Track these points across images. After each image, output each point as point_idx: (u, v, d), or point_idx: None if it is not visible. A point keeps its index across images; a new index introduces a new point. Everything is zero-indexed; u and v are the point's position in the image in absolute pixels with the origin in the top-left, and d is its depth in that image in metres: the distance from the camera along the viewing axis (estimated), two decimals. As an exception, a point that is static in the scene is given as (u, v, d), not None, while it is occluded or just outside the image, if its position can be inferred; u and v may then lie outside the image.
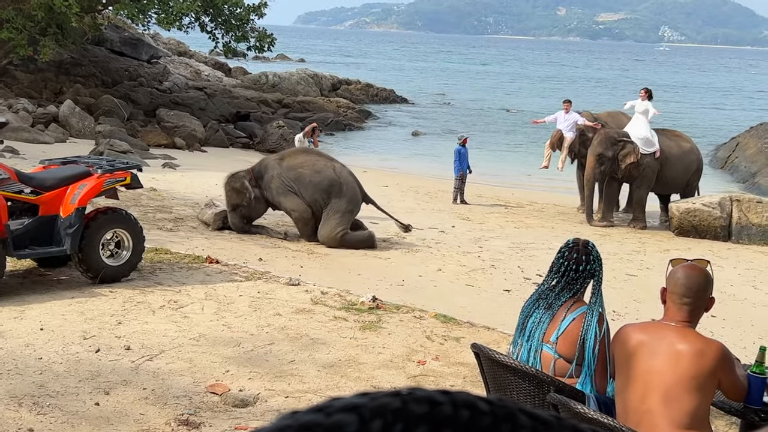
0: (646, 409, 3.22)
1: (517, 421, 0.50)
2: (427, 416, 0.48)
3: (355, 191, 10.69)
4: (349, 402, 0.50)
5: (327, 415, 0.48)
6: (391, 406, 0.49)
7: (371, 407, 0.49)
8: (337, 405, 0.49)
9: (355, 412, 0.48)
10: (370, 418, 0.48)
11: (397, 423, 0.48)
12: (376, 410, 0.48)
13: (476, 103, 40.32)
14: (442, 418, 0.48)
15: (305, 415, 0.49)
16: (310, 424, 0.48)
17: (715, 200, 13.50)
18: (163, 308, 6.78)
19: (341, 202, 10.42)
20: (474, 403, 0.50)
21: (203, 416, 4.82)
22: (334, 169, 10.72)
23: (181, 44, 37.34)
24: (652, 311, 6.93)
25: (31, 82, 23.17)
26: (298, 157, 10.83)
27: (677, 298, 3.28)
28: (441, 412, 0.49)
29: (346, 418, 0.48)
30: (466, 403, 0.50)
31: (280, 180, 10.52)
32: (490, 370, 4.07)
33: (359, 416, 0.48)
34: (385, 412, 0.48)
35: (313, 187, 10.42)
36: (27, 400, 4.82)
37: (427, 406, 0.49)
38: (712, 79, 75.26)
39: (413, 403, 0.49)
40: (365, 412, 0.48)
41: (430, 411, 0.49)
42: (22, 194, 7.02)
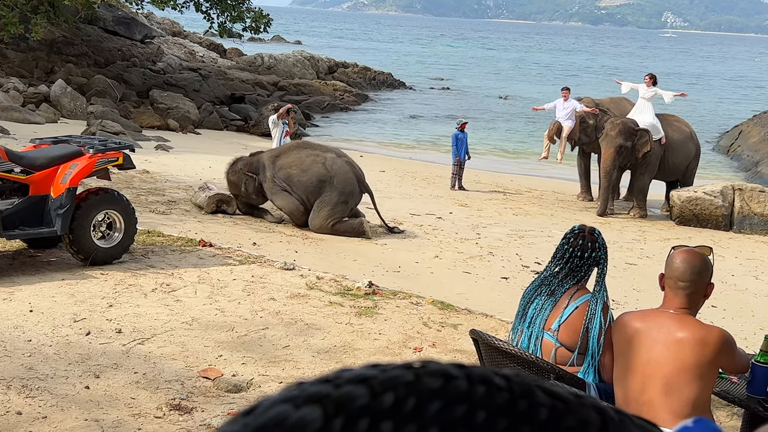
0: (646, 399, 3.15)
1: (534, 397, 0.48)
2: (440, 391, 0.46)
3: (348, 182, 10.49)
4: (359, 373, 0.47)
5: (336, 387, 0.46)
6: (403, 379, 0.47)
7: (382, 379, 0.47)
8: (346, 376, 0.47)
9: (366, 384, 0.46)
10: (381, 391, 0.46)
11: (410, 397, 0.46)
12: (388, 383, 0.46)
13: (475, 88, 40.18)
14: (456, 393, 0.46)
15: (313, 386, 0.47)
16: (317, 396, 0.45)
17: (717, 189, 13.39)
18: (155, 291, 6.67)
19: (332, 195, 10.27)
20: (490, 379, 0.48)
21: (196, 401, 4.73)
22: (324, 163, 10.46)
23: (176, 24, 37.02)
24: (651, 300, 6.82)
25: (22, 61, 22.93)
26: (291, 155, 10.57)
27: (674, 283, 3.20)
28: (455, 386, 0.47)
29: (356, 391, 0.46)
30: (482, 378, 0.48)
31: (272, 181, 10.39)
32: (488, 357, 3.99)
33: (370, 389, 0.46)
34: (397, 385, 0.46)
35: (302, 186, 10.27)
36: (15, 383, 4.73)
37: (441, 380, 0.47)
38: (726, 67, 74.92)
39: (426, 377, 0.47)
40: (376, 384, 0.46)
41: (444, 385, 0.47)
42: (12, 173, 6.89)
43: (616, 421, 0.50)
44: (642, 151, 13.52)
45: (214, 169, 13.03)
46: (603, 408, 0.51)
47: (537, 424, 0.47)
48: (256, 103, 24.69)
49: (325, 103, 28.23)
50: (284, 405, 0.46)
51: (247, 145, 18.28)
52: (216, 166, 13.68)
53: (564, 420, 0.48)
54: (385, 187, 14.29)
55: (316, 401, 0.45)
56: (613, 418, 0.50)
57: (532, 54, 78.55)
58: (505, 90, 38.96)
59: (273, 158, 10.58)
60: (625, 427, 0.51)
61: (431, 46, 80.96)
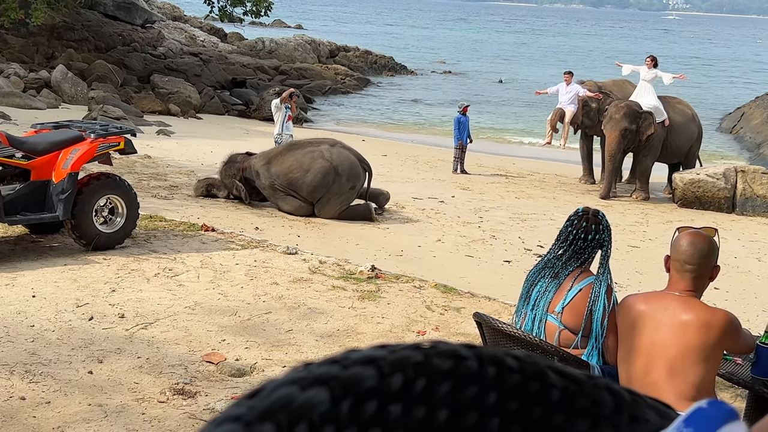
0: (651, 381, 3.14)
1: (546, 379, 0.47)
2: (450, 372, 0.45)
3: (353, 166, 10.43)
4: (368, 354, 0.46)
5: (343, 368, 0.45)
6: (412, 360, 0.46)
7: (391, 360, 0.46)
8: (354, 357, 0.46)
9: (374, 365, 0.45)
10: (390, 372, 0.45)
11: (419, 378, 0.45)
12: (397, 364, 0.45)
13: (477, 72, 40.02)
14: (466, 374, 0.46)
15: (320, 367, 0.46)
16: (325, 377, 0.44)
17: (719, 171, 13.35)
18: (157, 276, 6.67)
19: (341, 183, 10.21)
20: (501, 359, 0.47)
21: (199, 385, 4.73)
22: (323, 156, 10.33)
23: (176, 8, 36.90)
24: (654, 283, 6.81)
25: (22, 46, 22.85)
26: (285, 159, 10.33)
27: (680, 266, 3.17)
28: (466, 367, 0.46)
29: (364, 372, 0.45)
30: (492, 359, 0.47)
31: (272, 189, 10.24)
32: (492, 340, 3.98)
33: (378, 370, 0.45)
34: (406, 366, 0.45)
35: (310, 187, 10.15)
36: (19, 368, 4.74)
37: (451, 361, 0.46)
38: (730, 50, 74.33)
39: (436, 358, 0.46)
40: (384, 365, 0.45)
41: (454, 366, 0.46)
42: (13, 159, 6.87)
43: (630, 402, 0.50)
44: (646, 134, 13.47)
45: (215, 154, 13.00)
46: (616, 389, 0.50)
47: (549, 406, 0.46)
48: (257, 87, 24.62)
49: (327, 88, 28.15)
50: (290, 387, 0.45)
51: (249, 130, 18.27)
52: (218, 150, 13.65)
53: (576, 401, 0.47)
54: (387, 171, 14.26)
55: (323, 383, 0.44)
56: (627, 400, 0.50)
57: (534, 37, 78.20)
58: (507, 74, 38.76)
59: (266, 165, 10.31)
60: (639, 408, 0.50)
61: (433, 29, 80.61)
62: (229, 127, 18.67)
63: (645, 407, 0.51)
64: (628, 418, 0.49)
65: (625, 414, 0.49)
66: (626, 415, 0.49)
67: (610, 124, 13.52)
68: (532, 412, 0.46)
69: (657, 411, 0.51)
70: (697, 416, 0.48)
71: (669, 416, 0.51)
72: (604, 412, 0.48)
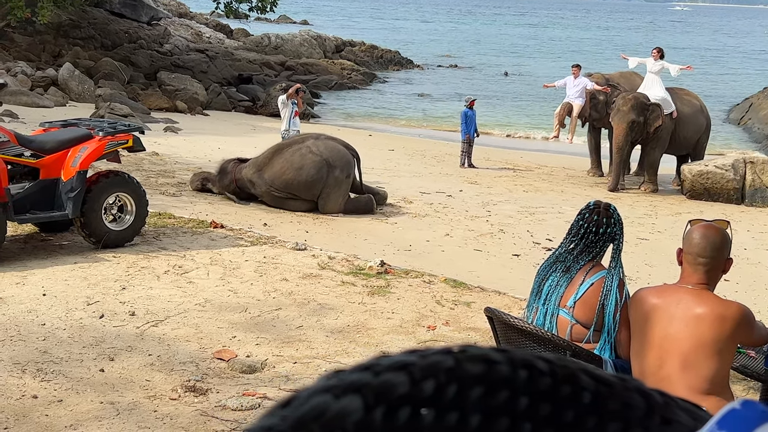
0: (664, 375, 3.13)
1: (578, 382, 0.46)
2: (482, 377, 0.45)
3: (342, 155, 10.43)
4: (398, 360, 0.46)
5: (375, 375, 0.45)
6: (443, 365, 0.45)
7: (422, 366, 0.45)
8: (385, 363, 0.46)
9: (405, 371, 0.45)
10: (421, 378, 0.44)
11: (451, 384, 0.44)
12: (428, 369, 0.45)
13: (484, 65, 39.92)
14: (498, 378, 0.45)
15: (351, 375, 0.45)
16: (357, 385, 0.44)
17: (728, 162, 13.30)
18: (167, 273, 6.68)
19: (335, 174, 10.21)
20: (533, 363, 0.46)
21: (210, 382, 4.74)
22: (311, 151, 10.30)
23: (182, 5, 36.90)
24: (663, 275, 6.80)
25: (29, 44, 22.89)
26: (275, 163, 10.27)
27: (693, 259, 3.15)
28: (497, 372, 0.45)
29: (396, 378, 0.44)
30: (524, 363, 0.46)
31: (271, 195, 10.22)
32: (503, 335, 3.97)
33: (410, 376, 0.44)
34: (438, 371, 0.45)
35: (306, 185, 10.14)
36: (30, 367, 4.75)
37: (483, 365, 0.45)
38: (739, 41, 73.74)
39: (467, 362, 0.45)
40: (416, 371, 0.45)
41: (485, 371, 0.45)
42: (22, 157, 6.89)
43: (661, 404, 0.49)
44: (654, 126, 13.43)
45: (223, 150, 13.02)
46: (648, 391, 0.49)
47: (581, 409, 0.46)
48: (263, 83, 24.63)
49: (333, 83, 28.13)
50: (323, 395, 0.44)
51: (256, 126, 18.27)
52: (225, 147, 13.68)
53: (608, 404, 0.47)
54: (394, 165, 14.26)
55: (355, 390, 0.44)
56: (658, 401, 0.49)
57: (541, 30, 77.96)
58: (514, 67, 38.64)
59: (257, 173, 10.26)
60: (671, 409, 0.49)
61: (438, 23, 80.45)
62: (236, 124, 18.69)
63: (677, 409, 0.50)
64: (659, 420, 0.48)
65: (657, 416, 0.48)
66: (658, 417, 0.48)
67: (618, 116, 13.48)
68: (564, 416, 0.45)
69: (689, 413, 0.51)
70: (730, 418, 0.47)
71: (701, 418, 0.50)
72: (636, 414, 0.47)
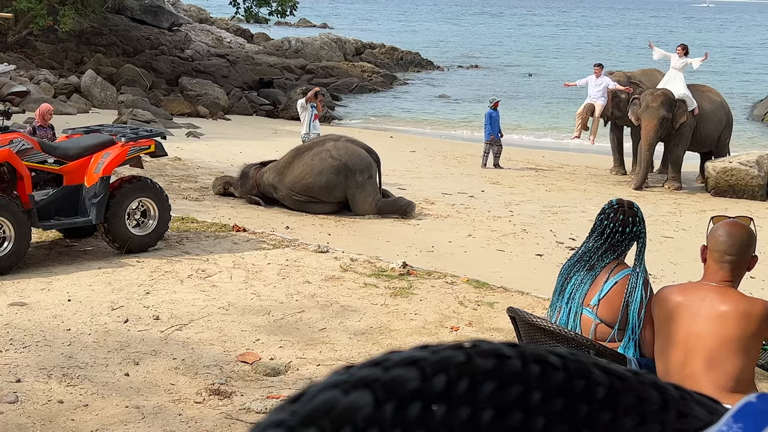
0: (689, 373, 3.10)
1: (591, 376, 0.46)
2: (494, 371, 0.45)
3: (361, 157, 10.44)
4: (409, 355, 0.46)
5: (385, 370, 0.45)
6: (454, 361, 0.45)
7: (433, 361, 0.45)
8: (395, 359, 0.46)
9: (416, 366, 0.45)
10: (432, 373, 0.44)
11: (462, 379, 0.44)
12: (439, 364, 0.45)
13: (505, 65, 39.80)
14: (510, 373, 0.45)
15: (361, 370, 0.45)
16: (367, 380, 0.44)
17: (752, 159, 13.18)
18: (191, 277, 6.71)
19: (356, 177, 10.23)
20: (545, 358, 0.46)
21: (234, 385, 4.76)
22: (331, 154, 10.34)
23: (202, 11, 37.11)
24: (688, 273, 6.75)
25: (51, 52, 23.12)
26: (295, 167, 10.33)
27: (718, 256, 3.11)
28: (509, 366, 0.45)
29: (407, 374, 0.44)
30: (536, 357, 0.46)
31: (293, 199, 10.27)
32: (527, 335, 3.95)
33: (420, 371, 0.44)
34: (449, 366, 0.45)
35: (326, 188, 10.19)
36: (56, 372, 4.79)
37: (494, 360, 0.45)
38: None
39: (478, 357, 0.45)
40: (427, 366, 0.45)
41: (497, 366, 0.45)
42: (45, 164, 6.95)
43: (677, 398, 0.49)
44: (679, 122, 13.33)
45: (245, 154, 13.08)
46: (662, 385, 0.49)
47: (594, 404, 0.46)
48: (284, 87, 24.71)
49: (354, 85, 28.17)
50: (333, 390, 0.44)
51: (277, 129, 18.34)
52: (247, 150, 13.74)
53: (622, 398, 0.47)
54: (415, 167, 14.25)
55: (365, 386, 0.44)
56: (674, 395, 0.49)
57: (563, 29, 77.61)
58: (535, 67, 38.47)
59: (278, 177, 10.32)
60: (686, 403, 0.49)
61: (459, 23, 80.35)
62: (257, 128, 18.76)
63: (692, 403, 0.49)
64: (675, 414, 0.48)
65: (673, 410, 0.48)
66: (673, 411, 0.48)
67: (648, 112, 13.33)
68: (577, 410, 0.45)
69: (705, 406, 0.50)
70: (746, 411, 0.47)
71: (717, 412, 0.49)
72: (651, 408, 0.47)
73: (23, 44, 22.63)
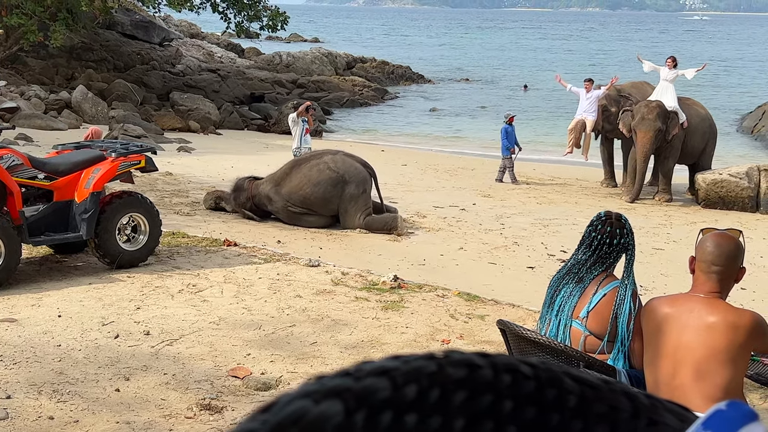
0: (678, 384, 3.11)
1: (562, 385, 0.47)
2: (465, 381, 0.45)
3: (358, 171, 10.47)
4: (381, 365, 0.46)
5: (356, 380, 0.45)
6: (426, 370, 0.45)
7: (404, 371, 0.45)
8: (367, 369, 0.46)
9: (387, 376, 0.45)
10: (404, 383, 0.44)
11: (433, 388, 0.44)
12: (410, 374, 0.45)
13: (496, 79, 39.92)
14: (481, 382, 0.45)
15: (333, 380, 0.45)
16: (338, 389, 0.44)
17: (742, 170, 13.23)
18: (181, 292, 6.70)
19: (351, 190, 10.25)
20: (516, 367, 0.47)
21: (225, 400, 4.74)
22: (329, 167, 10.37)
23: (193, 26, 37.20)
24: (679, 285, 6.77)
25: (42, 68, 23.12)
26: (293, 178, 10.36)
27: (706, 267, 3.14)
28: (480, 376, 0.46)
29: (378, 383, 0.44)
30: (507, 367, 0.46)
31: (288, 211, 10.28)
32: (516, 347, 3.96)
33: (392, 381, 0.44)
34: (420, 376, 0.45)
35: (322, 200, 10.20)
36: (47, 388, 4.76)
37: (466, 369, 0.46)
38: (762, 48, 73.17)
39: (450, 367, 0.46)
40: (398, 376, 0.45)
41: (468, 375, 0.45)
42: (36, 180, 6.94)
43: (648, 406, 0.49)
44: (672, 134, 13.39)
45: (236, 169, 13.07)
46: (634, 394, 0.49)
47: (566, 412, 0.46)
48: (275, 101, 24.75)
49: (345, 99, 28.24)
50: (303, 400, 0.44)
51: (268, 144, 18.34)
52: (238, 165, 13.73)
53: (594, 407, 0.47)
54: (407, 180, 14.28)
55: (336, 395, 0.44)
56: (645, 404, 0.49)
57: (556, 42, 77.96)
58: (527, 80, 38.56)
59: (275, 188, 10.33)
60: (657, 411, 0.50)
61: (449, 37, 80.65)
62: (248, 142, 18.77)
63: (664, 411, 0.50)
64: (646, 422, 0.48)
65: (644, 418, 0.48)
66: (644, 419, 0.48)
67: (644, 124, 13.34)
68: (549, 419, 0.45)
69: (676, 414, 0.51)
70: (716, 418, 0.47)
71: (688, 419, 0.50)
72: (622, 416, 0.47)
73: (14, 60, 22.62)
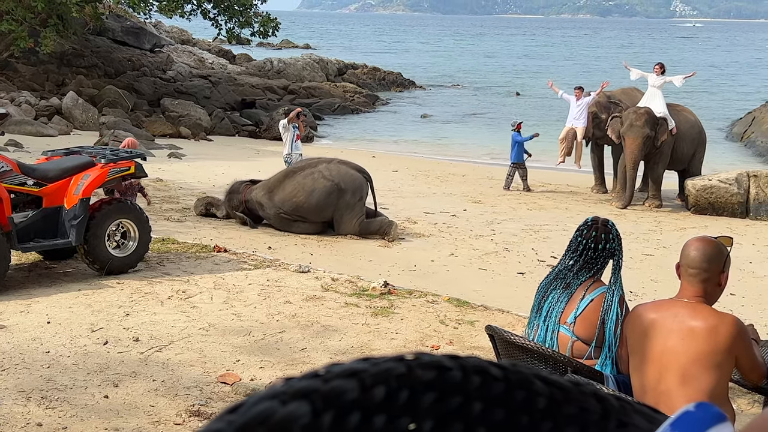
0: (664, 389, 3.13)
1: (532, 387, 0.47)
2: (434, 383, 0.45)
3: (354, 179, 10.45)
4: (349, 367, 0.46)
5: (324, 381, 0.45)
6: (394, 372, 0.46)
7: (373, 373, 0.46)
8: (335, 370, 0.46)
9: (356, 377, 0.45)
10: (372, 384, 0.45)
11: (402, 390, 0.45)
12: (379, 376, 0.45)
13: (486, 85, 40.00)
14: (451, 384, 0.45)
15: (301, 381, 0.46)
16: (306, 391, 0.44)
17: (731, 176, 13.28)
18: (171, 299, 6.69)
19: (347, 198, 10.24)
20: (485, 369, 0.47)
21: (215, 406, 4.73)
22: (324, 176, 10.35)
23: (184, 32, 37.15)
24: (669, 290, 6.77)
25: (33, 74, 23.04)
26: (286, 186, 10.33)
27: (688, 271, 3.17)
28: (450, 378, 0.46)
29: (346, 385, 0.45)
30: (476, 369, 0.47)
31: (279, 218, 10.26)
32: (505, 353, 3.96)
33: (360, 382, 0.45)
34: (389, 378, 0.45)
35: (316, 208, 10.18)
36: (35, 394, 4.75)
37: (435, 371, 0.46)
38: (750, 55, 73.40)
39: (419, 369, 0.46)
40: (366, 377, 0.45)
41: (437, 377, 0.46)
42: (25, 186, 6.92)
43: (617, 407, 0.50)
44: (660, 140, 13.43)
45: (227, 175, 13.06)
46: (603, 395, 0.50)
47: (535, 414, 0.46)
48: (266, 107, 24.73)
49: (336, 105, 28.24)
50: (270, 401, 0.44)
51: (259, 150, 18.33)
52: (229, 171, 13.72)
53: (563, 408, 0.47)
54: (398, 186, 14.28)
55: (303, 396, 0.44)
56: (614, 405, 0.50)
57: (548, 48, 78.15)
58: (518, 87, 38.65)
59: (268, 195, 10.30)
60: (627, 413, 0.50)
61: (440, 44, 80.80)
62: (239, 148, 18.75)
63: (633, 412, 0.51)
64: (616, 423, 0.49)
65: (613, 419, 0.49)
66: (614, 420, 0.49)
67: (632, 130, 13.36)
68: (518, 420, 0.46)
69: (645, 416, 0.51)
70: (684, 419, 0.48)
71: (657, 420, 0.51)
72: (592, 418, 0.48)
73: (4, 66, 22.55)
